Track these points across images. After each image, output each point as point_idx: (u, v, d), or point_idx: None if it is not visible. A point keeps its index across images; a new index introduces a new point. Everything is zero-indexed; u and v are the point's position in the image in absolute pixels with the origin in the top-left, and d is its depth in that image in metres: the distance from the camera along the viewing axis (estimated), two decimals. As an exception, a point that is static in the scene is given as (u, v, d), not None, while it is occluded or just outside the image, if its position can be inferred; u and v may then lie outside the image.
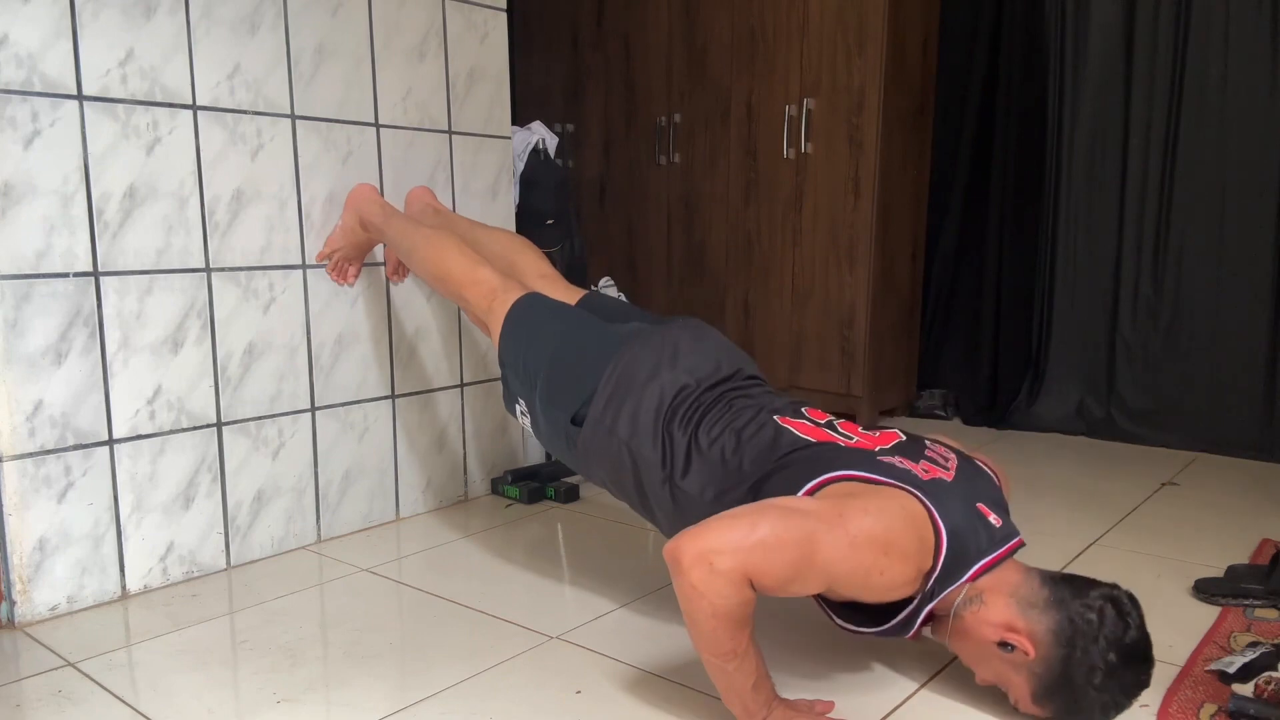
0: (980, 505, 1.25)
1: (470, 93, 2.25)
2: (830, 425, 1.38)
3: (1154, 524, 2.09)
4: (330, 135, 1.97)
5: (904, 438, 1.35)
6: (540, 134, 2.70)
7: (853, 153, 2.97)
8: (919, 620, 1.23)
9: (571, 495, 2.31)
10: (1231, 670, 1.34)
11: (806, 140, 3.06)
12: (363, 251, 2.01)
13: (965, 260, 3.30)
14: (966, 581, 1.20)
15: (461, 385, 2.29)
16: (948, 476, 1.26)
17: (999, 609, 1.19)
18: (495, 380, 2.37)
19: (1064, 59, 2.93)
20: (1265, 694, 1.28)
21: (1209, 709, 1.27)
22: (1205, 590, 1.68)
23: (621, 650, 1.49)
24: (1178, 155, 2.76)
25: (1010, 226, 3.18)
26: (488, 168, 2.31)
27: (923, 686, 1.38)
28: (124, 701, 1.34)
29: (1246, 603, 1.63)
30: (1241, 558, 1.87)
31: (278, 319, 1.92)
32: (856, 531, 1.13)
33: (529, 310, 1.61)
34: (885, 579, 1.16)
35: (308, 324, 1.97)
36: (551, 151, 2.74)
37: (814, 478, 1.23)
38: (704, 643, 1.14)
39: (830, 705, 1.29)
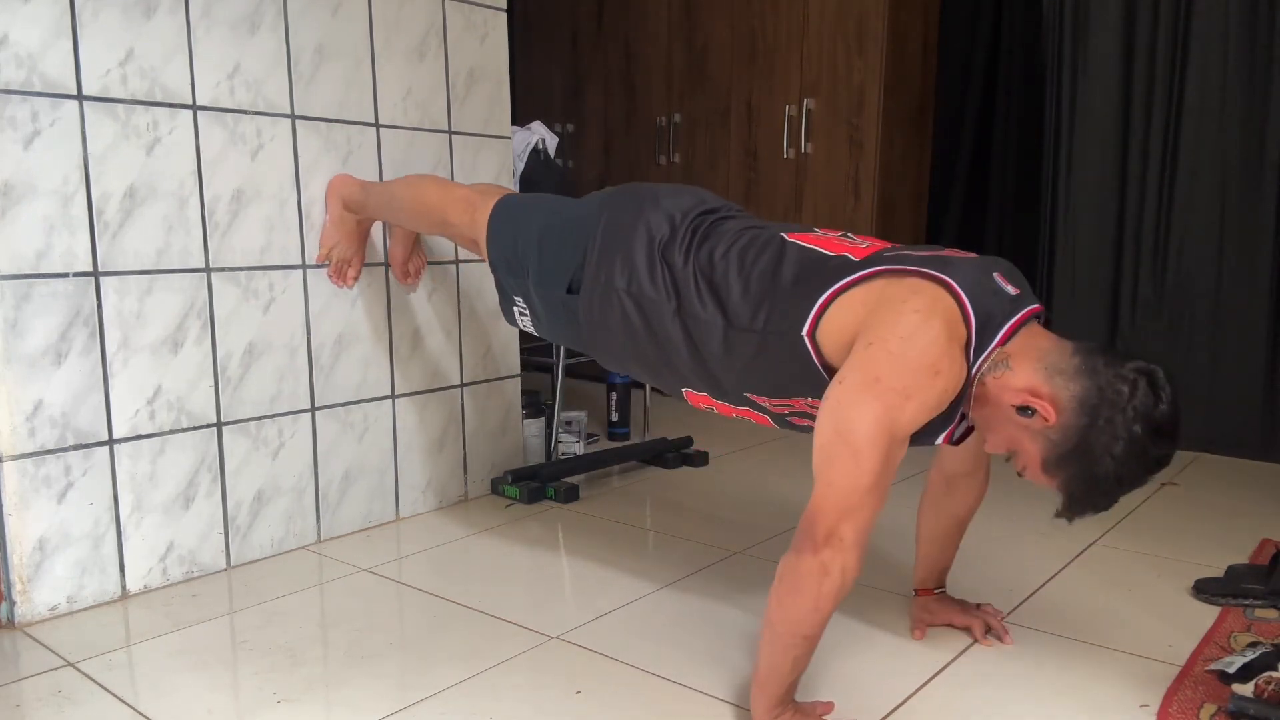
0: (997, 274, 1.20)
1: (470, 93, 2.25)
2: (845, 235, 1.34)
3: (1154, 524, 2.09)
4: (330, 135, 1.97)
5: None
6: (540, 134, 2.71)
7: (853, 153, 2.97)
8: (969, 398, 1.18)
9: (571, 495, 2.31)
10: (1231, 670, 1.34)
11: (806, 140, 3.06)
12: (358, 244, 2.01)
13: (965, 260, 3.32)
14: (996, 346, 1.16)
15: (461, 385, 2.29)
16: (967, 259, 1.22)
17: (1025, 373, 1.15)
18: (495, 380, 2.37)
19: (1064, 59, 2.93)
20: (1265, 694, 1.27)
21: (1209, 709, 1.27)
22: (1205, 590, 1.68)
23: (621, 650, 1.49)
24: (1178, 155, 2.76)
25: (1010, 227, 3.18)
26: (488, 168, 2.31)
27: (923, 686, 1.38)
28: (124, 701, 1.34)
29: (1246, 603, 1.63)
30: (1241, 558, 1.87)
31: (278, 319, 1.92)
32: (900, 383, 1.10)
33: (509, 207, 1.62)
34: (949, 382, 1.13)
35: (308, 324, 1.97)
36: (551, 151, 2.75)
37: (826, 289, 1.21)
38: (799, 620, 1.13)
39: (830, 706, 1.29)
